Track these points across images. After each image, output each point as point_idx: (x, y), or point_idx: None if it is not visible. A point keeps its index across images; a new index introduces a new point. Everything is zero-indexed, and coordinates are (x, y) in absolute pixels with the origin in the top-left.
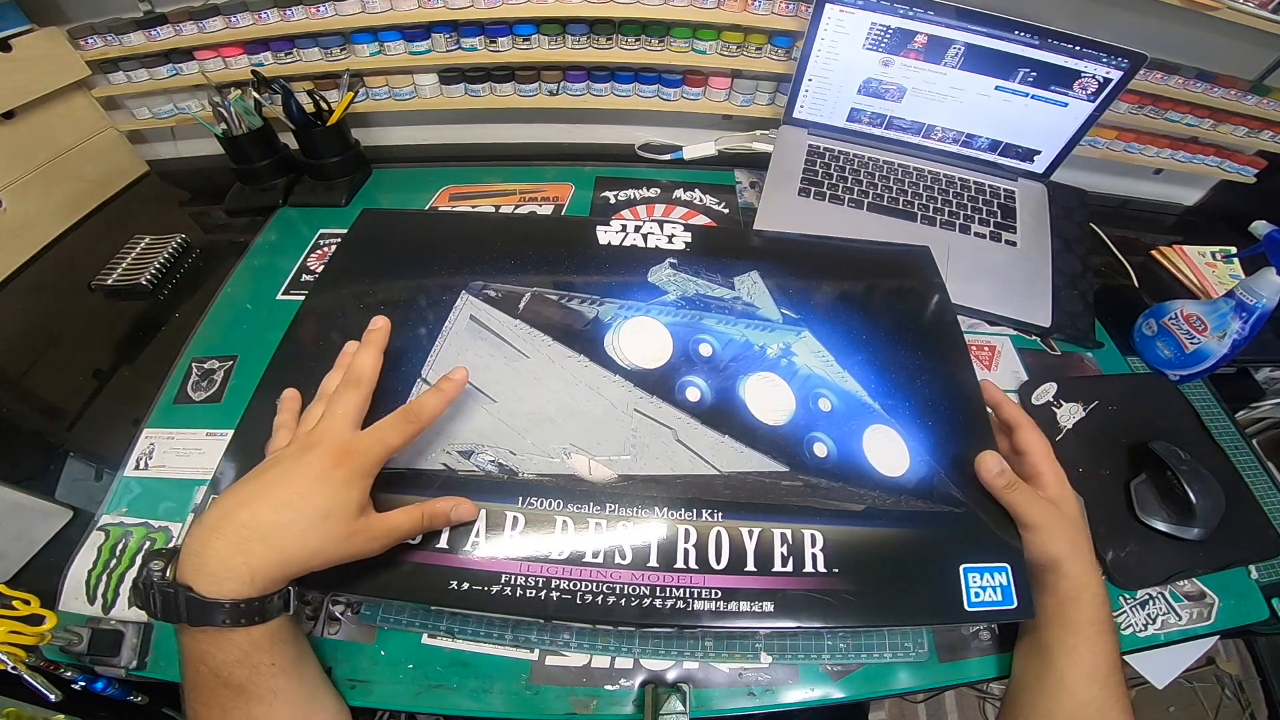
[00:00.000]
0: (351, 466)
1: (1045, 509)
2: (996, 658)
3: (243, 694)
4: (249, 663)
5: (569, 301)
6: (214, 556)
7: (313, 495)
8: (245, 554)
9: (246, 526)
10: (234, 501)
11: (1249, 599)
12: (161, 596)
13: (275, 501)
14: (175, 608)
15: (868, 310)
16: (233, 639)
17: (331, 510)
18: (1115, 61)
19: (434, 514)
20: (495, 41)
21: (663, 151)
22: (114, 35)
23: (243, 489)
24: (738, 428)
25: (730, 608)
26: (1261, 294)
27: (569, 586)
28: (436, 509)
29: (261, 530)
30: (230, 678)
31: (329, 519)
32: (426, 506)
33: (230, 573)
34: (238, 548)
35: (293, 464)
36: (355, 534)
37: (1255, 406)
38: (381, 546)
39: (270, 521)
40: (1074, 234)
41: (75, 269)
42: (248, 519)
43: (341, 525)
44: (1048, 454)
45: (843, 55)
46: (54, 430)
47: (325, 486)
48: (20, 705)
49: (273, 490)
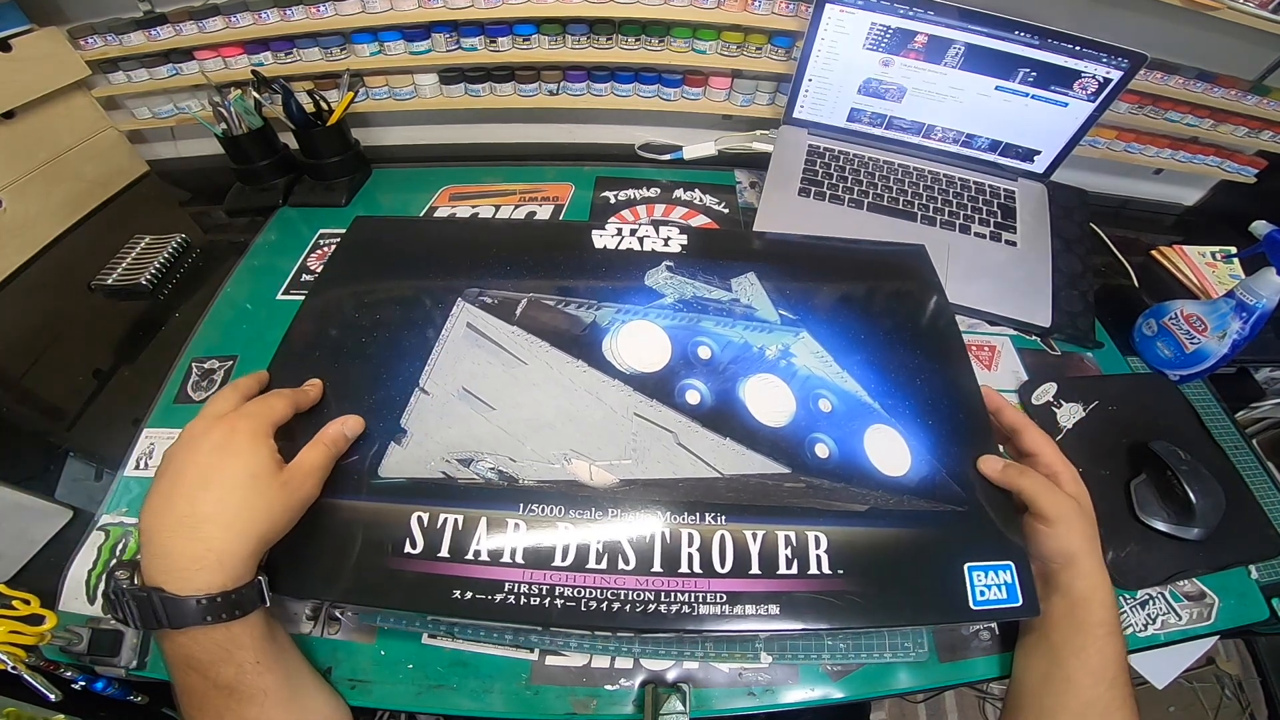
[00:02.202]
0: (246, 429)
1: (1066, 502)
2: (997, 658)
3: (234, 695)
4: (233, 661)
5: (566, 307)
6: (176, 552)
7: (228, 465)
8: (204, 540)
9: (190, 515)
10: (161, 502)
11: (1249, 599)
12: (136, 603)
13: (197, 482)
14: (152, 611)
15: (865, 309)
16: (213, 637)
17: (254, 469)
18: (1115, 61)
19: (333, 439)
20: (495, 41)
21: (663, 151)
22: (114, 35)
23: (160, 485)
24: (739, 430)
25: (736, 611)
26: (1261, 294)
27: (573, 593)
28: (330, 434)
29: (205, 513)
30: (219, 679)
31: (256, 478)
32: (321, 435)
33: (196, 562)
34: (194, 537)
35: (191, 449)
36: (287, 483)
37: (1255, 406)
38: (315, 486)
39: (207, 501)
40: (1074, 234)
41: (75, 269)
42: (186, 509)
43: (270, 479)
44: (1057, 452)
45: (843, 55)
46: (54, 430)
47: (234, 454)
48: (20, 705)
49: (187, 474)
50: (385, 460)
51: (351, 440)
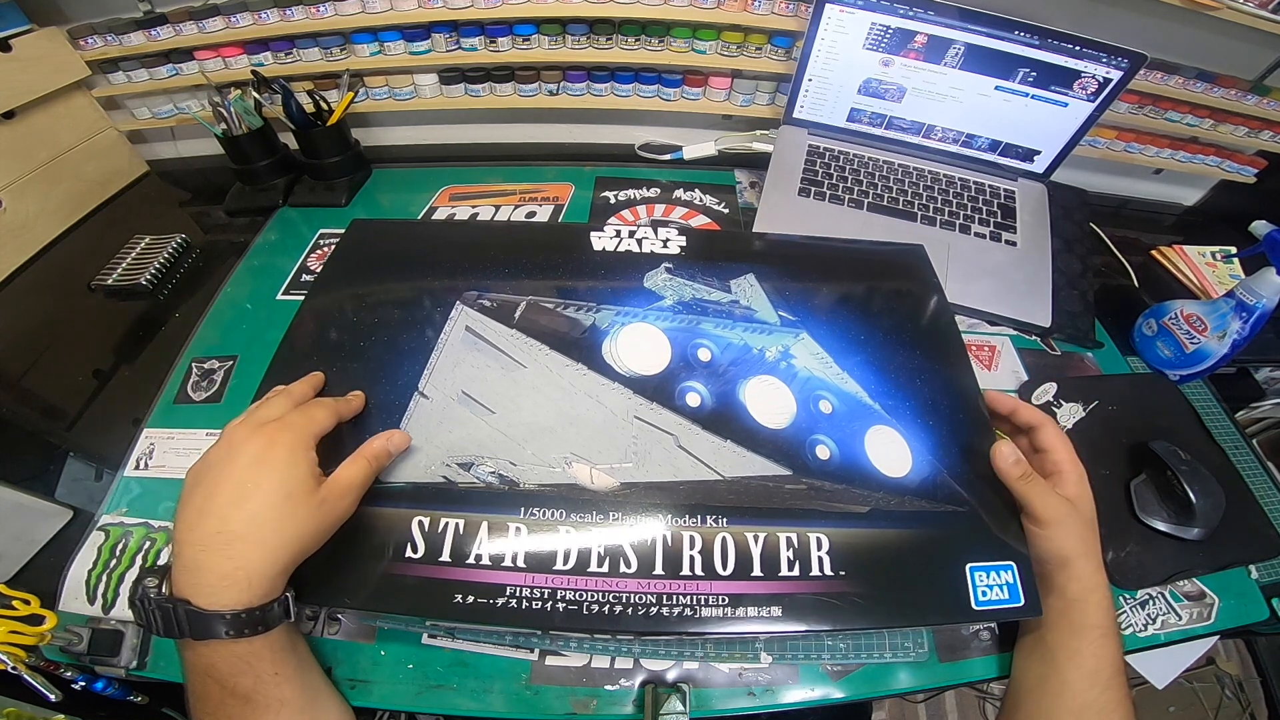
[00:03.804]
0: (285, 443)
1: (1060, 505)
2: (997, 658)
3: (250, 704)
4: (252, 672)
5: (565, 309)
6: (205, 568)
7: (264, 481)
8: (234, 559)
9: (222, 532)
10: (195, 515)
11: (1249, 599)
12: (161, 613)
13: (231, 498)
14: (175, 623)
15: (864, 310)
16: (234, 650)
17: (290, 488)
18: (1115, 61)
19: (375, 454)
20: (495, 41)
21: (663, 151)
22: (114, 35)
23: (194, 497)
24: (739, 432)
25: (738, 613)
26: (1261, 294)
27: (575, 597)
28: (374, 448)
29: (237, 531)
30: (236, 688)
31: (291, 497)
32: (364, 449)
33: (225, 580)
34: (224, 555)
35: (228, 460)
36: (324, 501)
37: (1255, 406)
38: (352, 503)
39: (240, 519)
40: (1074, 234)
41: (75, 269)
42: (218, 525)
43: (306, 499)
44: (1070, 452)
45: (843, 55)
46: (54, 430)
47: (271, 469)
48: (20, 705)
49: (221, 489)
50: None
51: (395, 456)
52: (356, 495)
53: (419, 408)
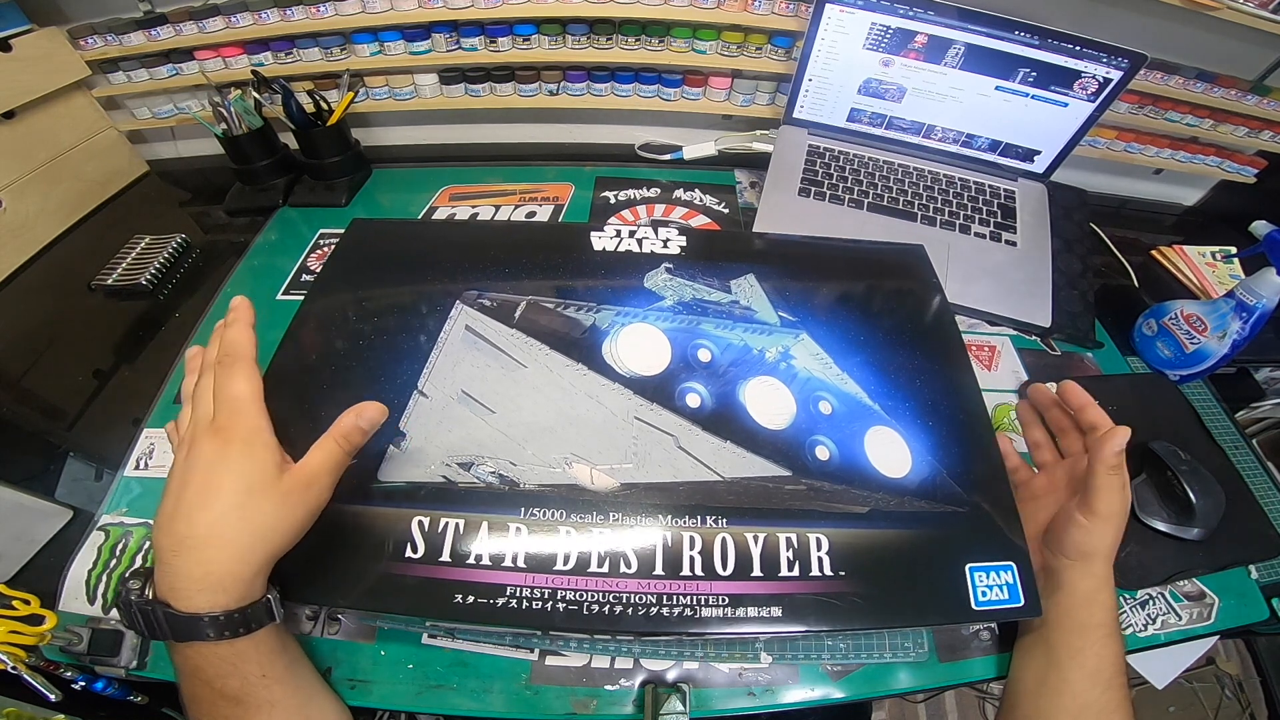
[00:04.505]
0: (239, 437)
1: (1124, 504)
2: (996, 657)
3: (240, 705)
4: (238, 674)
5: (565, 309)
6: (179, 572)
7: (223, 481)
8: (203, 563)
9: (190, 536)
10: (165, 520)
11: (1249, 599)
12: (142, 615)
13: (196, 501)
14: (156, 624)
15: (864, 310)
16: (218, 652)
17: (250, 483)
18: (1115, 61)
19: (344, 433)
20: (495, 41)
21: (663, 151)
22: (114, 35)
23: (166, 502)
24: (739, 433)
25: (738, 613)
26: (1261, 294)
27: (575, 597)
28: (342, 427)
29: (203, 535)
30: (225, 689)
31: (253, 493)
32: (332, 429)
33: (196, 584)
34: (194, 559)
35: (188, 462)
36: (290, 493)
37: (1255, 406)
38: (324, 490)
39: (204, 522)
40: (1074, 234)
41: (75, 269)
42: (185, 529)
43: (270, 493)
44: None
45: (843, 55)
46: (54, 430)
47: (229, 467)
48: (20, 705)
49: (186, 494)
50: (384, 464)
51: (370, 432)
52: (328, 480)
53: (418, 407)
